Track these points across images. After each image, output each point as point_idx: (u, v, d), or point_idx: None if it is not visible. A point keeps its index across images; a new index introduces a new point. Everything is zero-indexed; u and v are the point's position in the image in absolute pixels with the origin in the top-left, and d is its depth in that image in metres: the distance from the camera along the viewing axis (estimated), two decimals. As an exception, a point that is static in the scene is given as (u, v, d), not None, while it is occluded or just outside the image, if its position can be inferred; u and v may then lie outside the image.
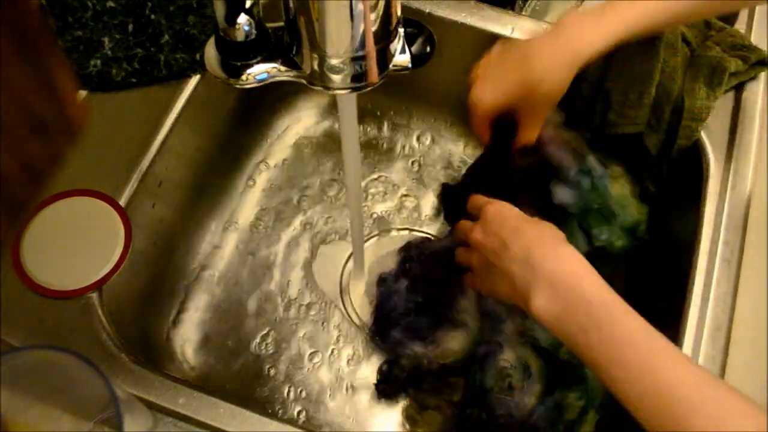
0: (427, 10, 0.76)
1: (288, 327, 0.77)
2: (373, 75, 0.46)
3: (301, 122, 0.90)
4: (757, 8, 0.79)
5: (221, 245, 0.82)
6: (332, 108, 0.91)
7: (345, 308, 0.78)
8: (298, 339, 0.77)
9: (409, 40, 0.48)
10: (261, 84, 0.47)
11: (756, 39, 0.75)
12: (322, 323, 0.78)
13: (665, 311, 0.68)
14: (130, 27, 0.69)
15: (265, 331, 0.77)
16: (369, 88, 0.47)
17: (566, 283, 0.49)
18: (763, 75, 0.72)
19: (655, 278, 0.76)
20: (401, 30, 0.47)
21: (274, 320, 0.78)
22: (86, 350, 0.57)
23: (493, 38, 0.75)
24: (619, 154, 0.82)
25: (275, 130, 0.89)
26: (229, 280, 0.80)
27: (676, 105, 0.69)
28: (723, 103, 0.70)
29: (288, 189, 0.85)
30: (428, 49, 0.48)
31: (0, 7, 0.22)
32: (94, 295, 0.60)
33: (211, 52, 0.48)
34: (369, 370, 0.75)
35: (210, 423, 0.55)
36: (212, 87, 0.73)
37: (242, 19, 0.45)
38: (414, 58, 0.47)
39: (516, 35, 0.75)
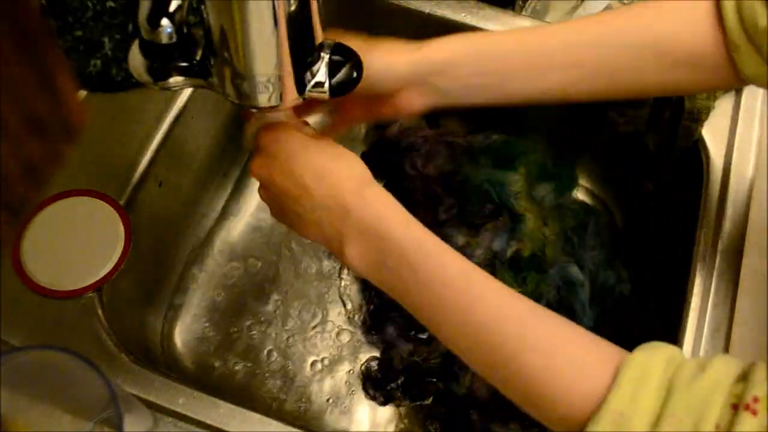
0: (427, 11, 0.76)
1: (288, 327, 0.77)
2: (288, 97, 0.46)
3: (301, 122, 0.90)
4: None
5: (222, 245, 0.82)
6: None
7: (345, 306, 0.78)
8: (299, 338, 0.77)
9: (334, 65, 0.47)
10: (183, 88, 0.47)
11: (756, 39, 0.75)
12: (323, 323, 0.78)
13: (665, 311, 0.68)
14: (130, 27, 0.69)
15: (265, 331, 0.77)
16: (281, 110, 0.47)
17: (375, 229, 0.46)
18: (763, 75, 0.72)
19: (655, 278, 0.76)
20: (325, 55, 0.47)
21: (275, 320, 0.78)
22: (86, 350, 0.57)
23: (493, 38, 0.75)
24: (619, 153, 0.82)
25: (275, 130, 0.89)
26: (230, 280, 0.80)
27: (676, 105, 0.69)
28: (723, 103, 0.70)
29: (288, 189, 0.85)
30: (354, 75, 0.47)
31: (0, 7, 0.22)
32: (94, 295, 0.60)
33: (135, 55, 0.48)
34: (375, 372, 0.75)
35: (210, 423, 0.55)
36: (212, 87, 0.73)
37: (165, 21, 0.45)
38: (336, 84, 0.47)
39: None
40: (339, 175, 0.48)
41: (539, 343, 0.42)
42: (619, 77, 0.52)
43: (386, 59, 0.51)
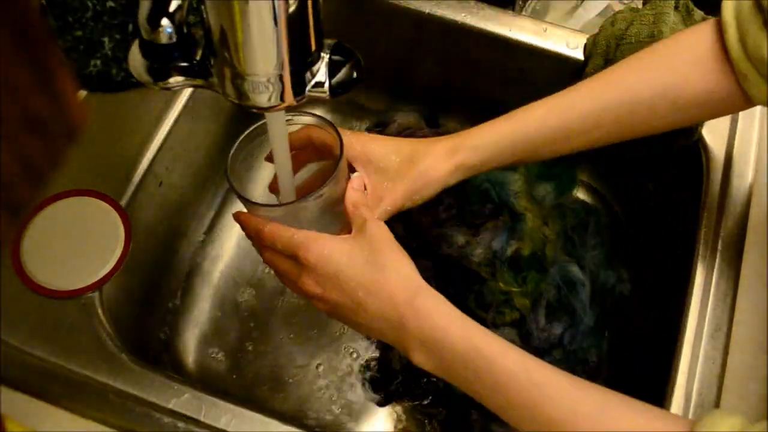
0: (427, 11, 0.76)
1: (289, 326, 0.77)
2: (288, 96, 0.46)
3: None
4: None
5: (221, 245, 0.82)
6: (333, 106, 0.91)
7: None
8: (298, 338, 0.77)
9: (334, 65, 0.47)
10: (183, 88, 0.47)
11: (756, 39, 0.75)
12: (323, 322, 0.78)
13: (665, 311, 0.68)
14: (130, 27, 0.69)
15: (265, 331, 0.77)
16: (281, 108, 0.47)
17: (434, 340, 0.47)
18: (763, 75, 0.72)
19: (655, 278, 0.76)
20: (325, 55, 0.47)
21: (275, 320, 0.78)
22: (86, 350, 0.57)
23: (493, 38, 0.75)
24: (619, 153, 0.82)
25: (275, 130, 0.89)
26: (230, 280, 0.80)
27: (676, 105, 0.69)
28: (723, 103, 0.70)
29: (288, 189, 0.85)
30: (354, 75, 0.47)
31: (0, 7, 0.22)
32: (94, 295, 0.60)
33: (135, 55, 0.48)
34: (374, 371, 0.75)
35: (210, 423, 0.55)
36: (212, 87, 0.73)
37: (165, 21, 0.45)
38: (336, 84, 0.47)
39: (515, 35, 0.75)
40: (389, 288, 0.49)
41: None
42: (637, 127, 0.57)
43: (428, 176, 0.56)
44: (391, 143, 0.58)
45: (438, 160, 0.56)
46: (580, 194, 0.86)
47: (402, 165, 0.56)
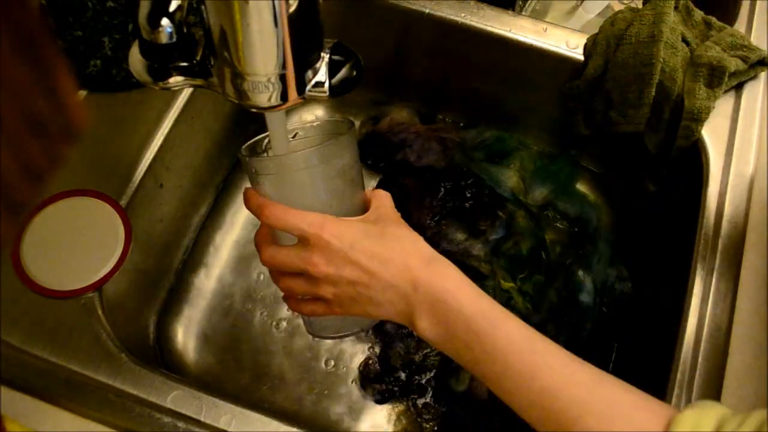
0: (427, 11, 0.76)
1: (288, 326, 0.77)
2: (288, 96, 0.46)
3: (301, 121, 0.90)
4: (757, 8, 0.79)
5: (221, 245, 0.82)
6: (333, 106, 0.91)
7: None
8: (298, 338, 0.77)
9: (334, 65, 0.47)
10: (183, 88, 0.47)
11: (756, 39, 0.75)
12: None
13: (665, 311, 0.68)
14: (130, 27, 0.69)
15: (265, 331, 0.77)
16: (283, 108, 0.47)
17: (444, 302, 0.48)
18: (763, 75, 0.72)
19: (655, 278, 0.76)
20: (325, 55, 0.47)
21: (275, 319, 0.78)
22: (86, 350, 0.57)
23: (493, 38, 0.75)
24: (619, 153, 0.83)
25: (275, 130, 0.89)
26: (230, 280, 0.80)
27: (676, 105, 0.69)
28: (723, 103, 0.70)
29: (288, 189, 0.85)
30: (354, 75, 0.47)
31: (0, 7, 0.22)
32: (94, 295, 0.60)
33: (135, 55, 0.48)
34: (373, 369, 0.75)
35: (210, 423, 0.55)
36: (212, 87, 0.73)
37: (165, 21, 0.45)
38: (336, 83, 0.47)
39: (515, 35, 0.75)
40: (405, 255, 0.50)
41: (600, 407, 0.43)
42: None
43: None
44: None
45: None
46: (580, 194, 0.86)
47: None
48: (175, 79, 0.48)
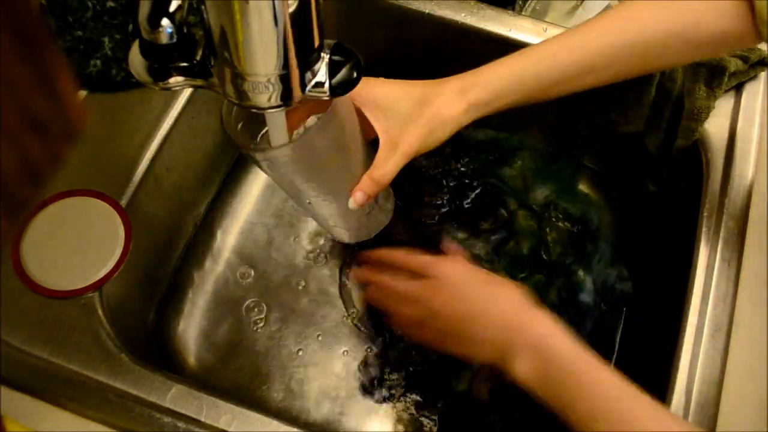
0: (427, 11, 0.76)
1: (287, 325, 0.77)
2: (288, 97, 0.46)
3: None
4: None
5: (221, 245, 0.82)
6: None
7: (345, 304, 0.78)
8: (298, 337, 0.77)
9: (334, 65, 0.47)
10: (183, 88, 0.48)
11: (756, 39, 0.75)
12: (323, 321, 0.77)
13: (665, 311, 0.68)
14: (130, 27, 0.69)
15: (264, 331, 0.77)
16: (283, 108, 0.47)
17: (545, 345, 0.50)
18: (763, 75, 0.72)
19: (655, 278, 0.76)
20: (325, 55, 0.47)
21: (274, 319, 0.78)
22: (86, 350, 0.57)
23: (493, 38, 0.75)
24: (619, 153, 0.83)
25: (275, 130, 0.89)
26: (230, 281, 0.80)
27: (676, 105, 0.69)
28: (723, 103, 0.70)
29: (288, 189, 0.85)
30: (354, 75, 0.47)
31: (0, 7, 0.22)
32: (94, 295, 0.60)
33: (135, 55, 0.48)
34: (372, 369, 0.75)
35: (210, 423, 0.55)
36: (212, 87, 0.73)
37: (165, 21, 0.45)
38: (336, 84, 0.47)
39: (515, 35, 0.75)
40: (509, 299, 0.54)
41: None
42: (648, 65, 0.57)
43: (441, 117, 0.55)
44: (399, 86, 0.56)
45: (450, 100, 0.55)
46: (581, 194, 0.86)
47: (413, 108, 0.55)
48: (175, 80, 0.48)
